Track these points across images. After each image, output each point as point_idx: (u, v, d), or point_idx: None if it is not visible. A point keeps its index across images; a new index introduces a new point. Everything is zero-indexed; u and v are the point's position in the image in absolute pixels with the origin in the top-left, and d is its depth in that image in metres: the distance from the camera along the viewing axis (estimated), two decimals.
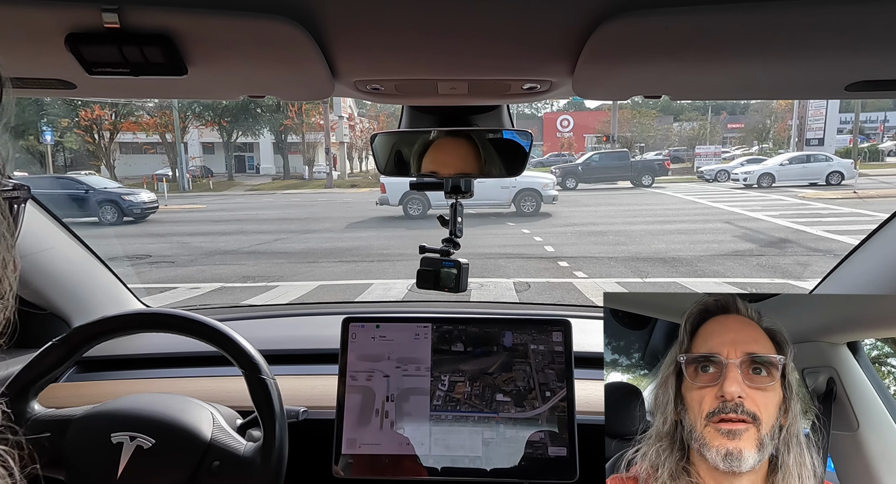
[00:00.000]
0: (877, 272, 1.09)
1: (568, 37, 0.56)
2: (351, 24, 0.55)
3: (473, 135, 0.92)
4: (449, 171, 0.93)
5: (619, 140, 28.67)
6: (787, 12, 0.49)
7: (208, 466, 0.77)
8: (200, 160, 28.64)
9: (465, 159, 0.91)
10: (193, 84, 0.68)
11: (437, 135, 0.93)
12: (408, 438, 0.93)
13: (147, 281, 6.89)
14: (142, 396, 0.85)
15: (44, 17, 0.50)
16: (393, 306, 2.35)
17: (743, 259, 7.27)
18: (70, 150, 25.46)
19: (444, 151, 0.92)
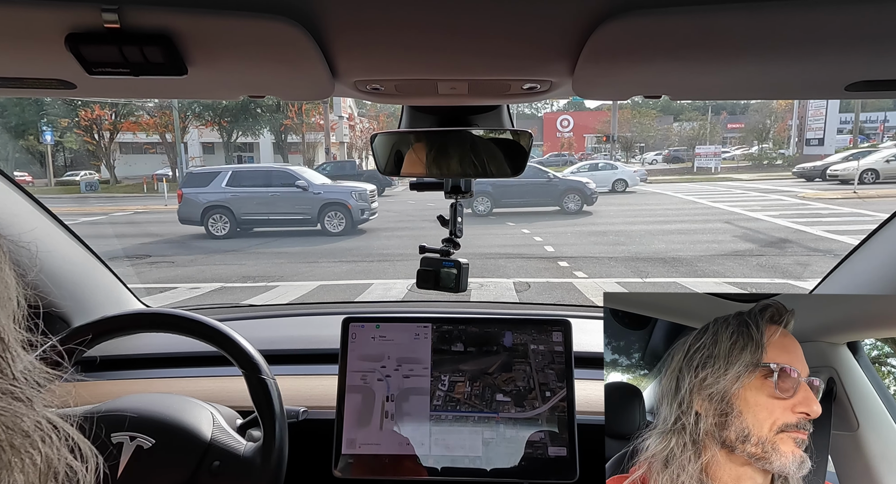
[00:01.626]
0: (877, 272, 1.09)
1: (568, 37, 0.56)
2: (351, 24, 0.55)
3: (473, 135, 0.92)
4: (449, 171, 0.93)
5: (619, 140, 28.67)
6: (787, 12, 0.49)
7: (208, 466, 0.77)
8: (200, 160, 28.63)
9: (465, 159, 0.91)
10: (193, 84, 0.68)
11: (436, 135, 0.93)
12: (408, 438, 0.93)
13: (147, 281, 6.89)
14: (142, 396, 0.85)
15: (44, 17, 0.50)
16: (393, 306, 2.35)
17: (743, 259, 7.27)
18: (70, 150, 25.47)
19: (443, 152, 0.92)
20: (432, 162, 0.93)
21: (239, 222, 10.32)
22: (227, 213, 10.25)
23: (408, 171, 0.95)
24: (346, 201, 10.13)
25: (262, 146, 29.77)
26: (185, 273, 7.37)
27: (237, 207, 10.28)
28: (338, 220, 10.14)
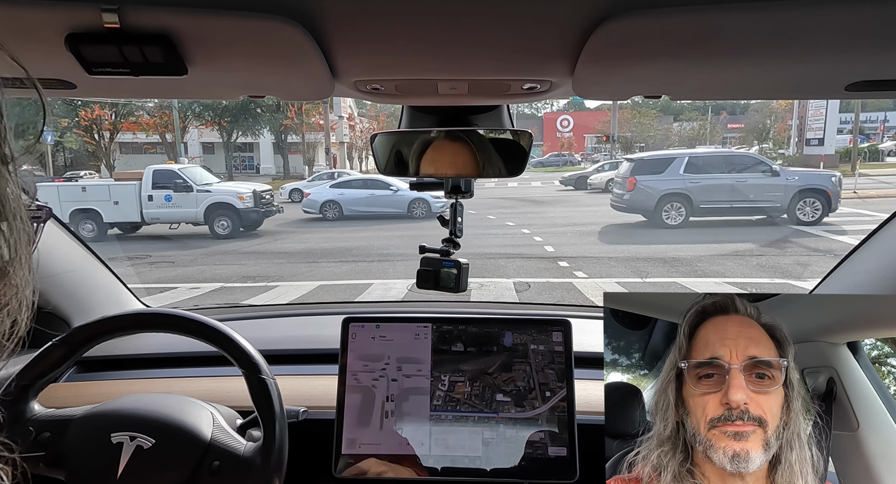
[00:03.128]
0: (877, 272, 1.09)
1: (568, 37, 0.56)
2: (351, 24, 0.55)
3: (473, 135, 0.92)
4: (449, 171, 0.93)
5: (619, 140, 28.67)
6: (787, 12, 0.49)
7: (208, 465, 0.77)
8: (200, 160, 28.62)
9: (465, 159, 0.91)
10: (193, 84, 0.68)
11: (436, 135, 0.93)
12: (408, 438, 0.93)
13: (147, 281, 6.89)
14: (142, 396, 0.85)
15: (44, 16, 0.50)
16: (393, 306, 2.35)
17: (743, 259, 7.27)
18: (70, 150, 25.46)
19: (444, 151, 0.92)
20: (432, 162, 0.93)
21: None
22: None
23: (407, 172, 0.95)
24: None
25: (262, 146, 29.76)
26: (185, 273, 7.37)
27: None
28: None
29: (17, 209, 0.33)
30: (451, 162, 0.92)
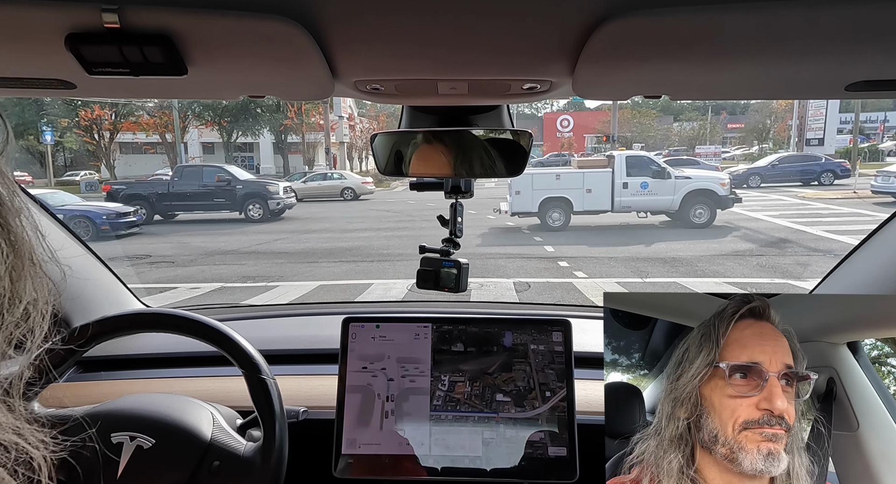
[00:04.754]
0: (877, 272, 1.09)
1: (568, 37, 0.56)
2: (351, 24, 0.55)
3: (473, 135, 0.92)
4: (448, 171, 0.93)
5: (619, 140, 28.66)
6: (788, 12, 0.49)
7: (208, 466, 0.77)
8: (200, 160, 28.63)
9: (465, 159, 0.91)
10: (193, 84, 0.68)
11: (436, 135, 0.93)
12: (408, 438, 0.93)
13: (147, 281, 6.89)
14: (142, 396, 0.85)
15: (44, 17, 0.50)
16: (393, 306, 2.35)
17: (743, 259, 7.27)
18: (70, 150, 25.47)
19: (443, 152, 0.92)
20: (432, 162, 0.93)
21: None
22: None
23: (408, 172, 0.95)
24: None
25: (262, 146, 29.77)
26: (185, 273, 7.37)
27: None
28: None
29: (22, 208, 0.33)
30: (451, 162, 0.92)
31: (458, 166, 0.92)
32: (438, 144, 0.92)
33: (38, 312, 0.35)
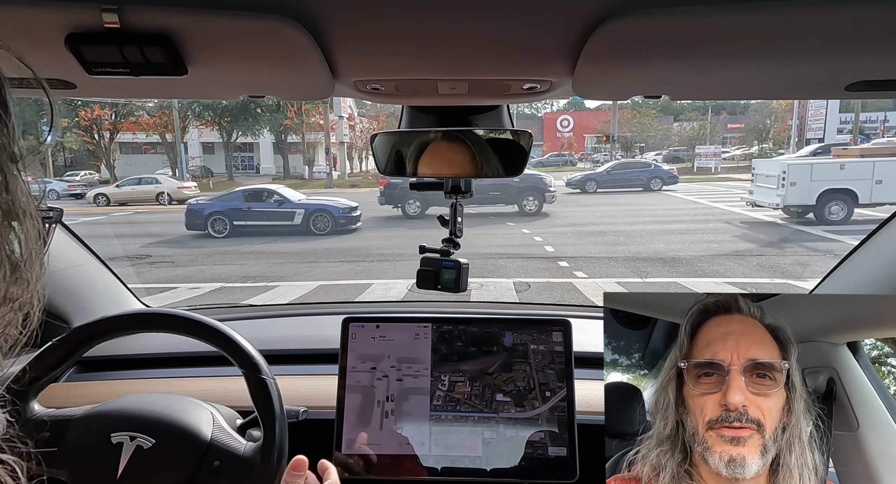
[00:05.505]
0: (877, 272, 1.09)
1: (568, 37, 0.56)
2: (351, 24, 0.55)
3: (473, 135, 0.92)
4: (448, 171, 0.93)
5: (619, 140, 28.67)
6: (787, 12, 0.49)
7: (208, 465, 0.77)
8: (200, 160, 28.63)
9: (465, 159, 0.91)
10: (193, 84, 0.68)
11: (436, 135, 0.93)
12: (408, 438, 0.93)
13: (147, 281, 6.89)
14: (142, 396, 0.85)
15: (44, 17, 0.50)
16: (393, 306, 2.35)
17: (743, 259, 7.27)
18: (70, 151, 25.46)
19: (443, 152, 0.92)
20: (432, 162, 0.93)
21: None
22: None
23: (407, 172, 0.95)
24: None
25: (262, 146, 29.77)
26: (185, 273, 7.37)
27: None
28: None
29: (28, 207, 0.33)
30: (451, 162, 0.92)
31: (458, 166, 0.92)
32: (438, 144, 0.92)
33: (34, 312, 0.35)
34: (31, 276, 0.34)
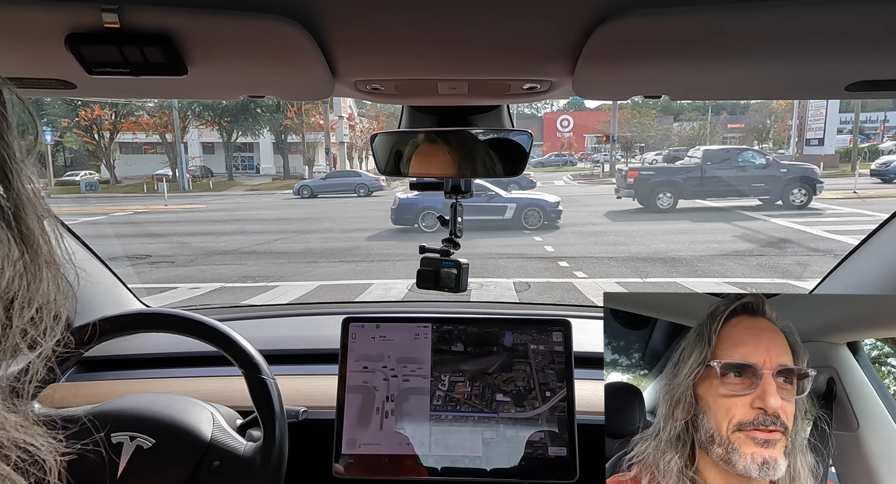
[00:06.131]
0: (877, 272, 1.09)
1: (568, 37, 0.56)
2: (351, 25, 0.55)
3: (473, 135, 0.92)
4: (448, 171, 0.93)
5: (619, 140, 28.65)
6: (788, 12, 0.49)
7: (208, 465, 0.77)
8: (200, 160, 28.62)
9: (465, 159, 0.91)
10: (193, 84, 0.68)
11: (436, 135, 0.93)
12: (408, 437, 0.93)
13: (147, 281, 6.89)
14: (142, 396, 0.85)
15: (44, 17, 0.50)
16: (393, 306, 2.35)
17: (743, 259, 7.27)
18: (70, 150, 25.47)
19: (443, 152, 0.92)
20: (432, 162, 0.93)
21: None
22: None
23: (408, 172, 0.95)
24: None
25: (262, 146, 29.77)
26: (185, 273, 7.37)
27: None
28: None
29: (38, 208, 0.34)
30: (451, 162, 0.92)
31: (458, 166, 0.92)
32: (438, 144, 0.92)
33: (51, 314, 0.36)
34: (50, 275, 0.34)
